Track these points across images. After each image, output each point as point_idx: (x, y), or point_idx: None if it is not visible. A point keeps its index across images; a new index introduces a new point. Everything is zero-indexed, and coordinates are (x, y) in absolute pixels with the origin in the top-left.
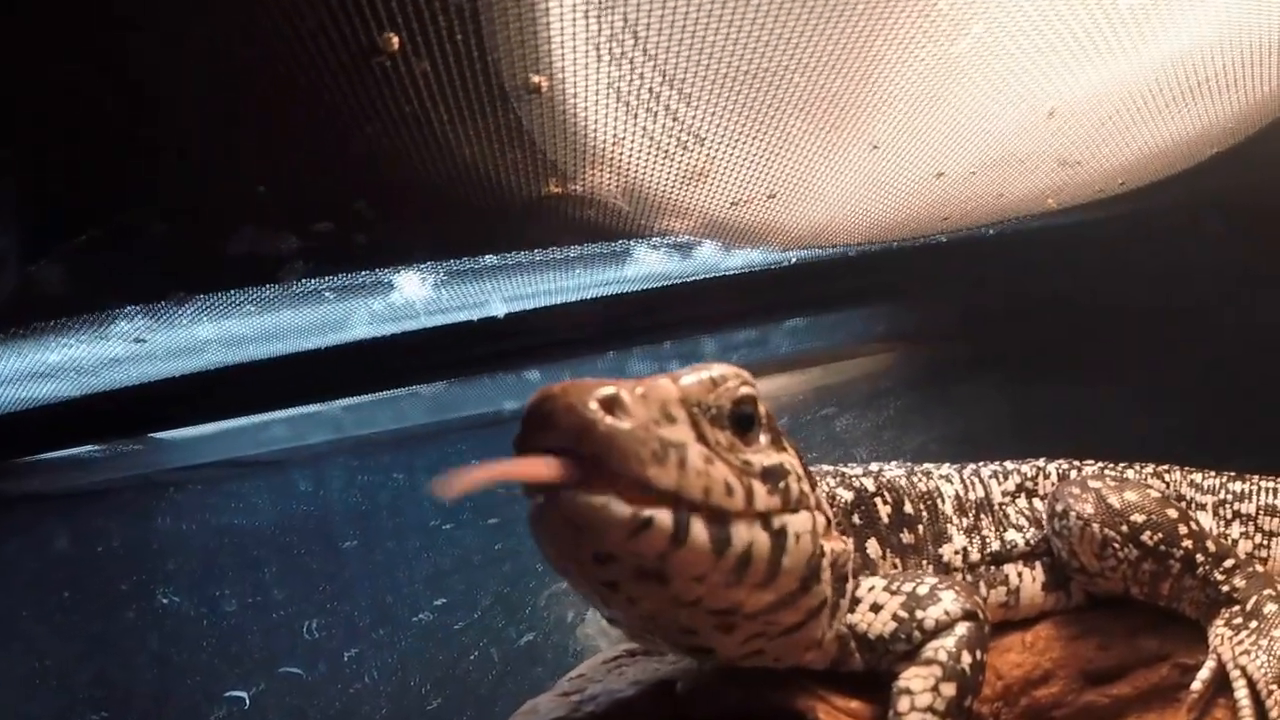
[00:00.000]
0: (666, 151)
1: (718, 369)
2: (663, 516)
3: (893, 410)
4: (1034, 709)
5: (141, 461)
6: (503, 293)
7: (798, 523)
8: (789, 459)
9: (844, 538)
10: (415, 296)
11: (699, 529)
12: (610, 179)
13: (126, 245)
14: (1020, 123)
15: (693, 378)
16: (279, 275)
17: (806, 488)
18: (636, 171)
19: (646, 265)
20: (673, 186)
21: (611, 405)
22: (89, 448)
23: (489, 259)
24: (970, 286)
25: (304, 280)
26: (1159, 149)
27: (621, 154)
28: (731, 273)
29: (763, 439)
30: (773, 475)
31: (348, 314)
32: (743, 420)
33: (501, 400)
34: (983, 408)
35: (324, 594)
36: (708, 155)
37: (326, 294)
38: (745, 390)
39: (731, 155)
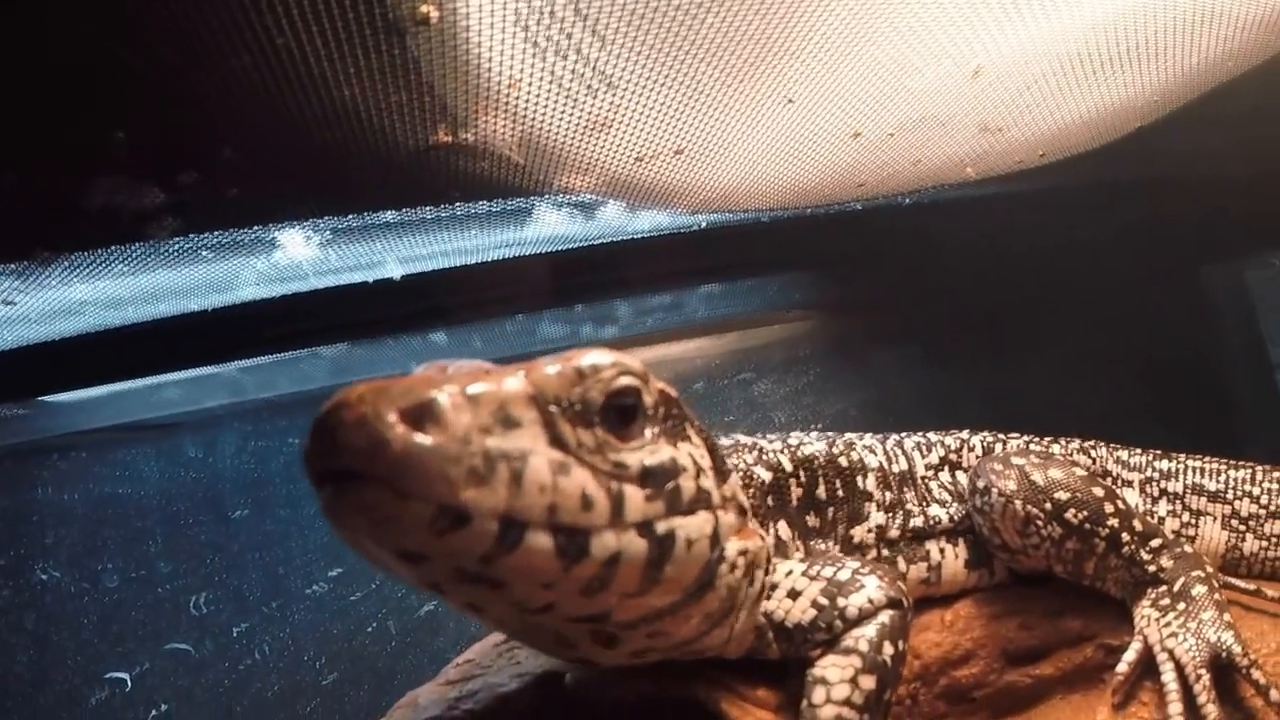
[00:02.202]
0: (571, 96)
1: (591, 357)
2: (485, 519)
3: (811, 376)
4: (954, 689)
5: (27, 428)
6: (397, 253)
7: (691, 527)
8: (688, 451)
9: (760, 531)
10: (301, 256)
11: (538, 537)
12: (506, 127)
13: None
14: (944, 81)
15: (552, 369)
16: (148, 231)
17: (709, 484)
18: (535, 119)
19: (548, 226)
20: (574, 137)
21: (420, 416)
22: None
23: (379, 217)
24: (887, 257)
25: (177, 238)
26: (1084, 119)
27: (520, 98)
28: (640, 236)
29: (649, 432)
30: (657, 476)
31: (232, 274)
32: (622, 413)
33: (406, 362)
34: (902, 376)
35: (213, 566)
36: (613, 103)
37: (204, 253)
38: (624, 381)
39: (638, 104)
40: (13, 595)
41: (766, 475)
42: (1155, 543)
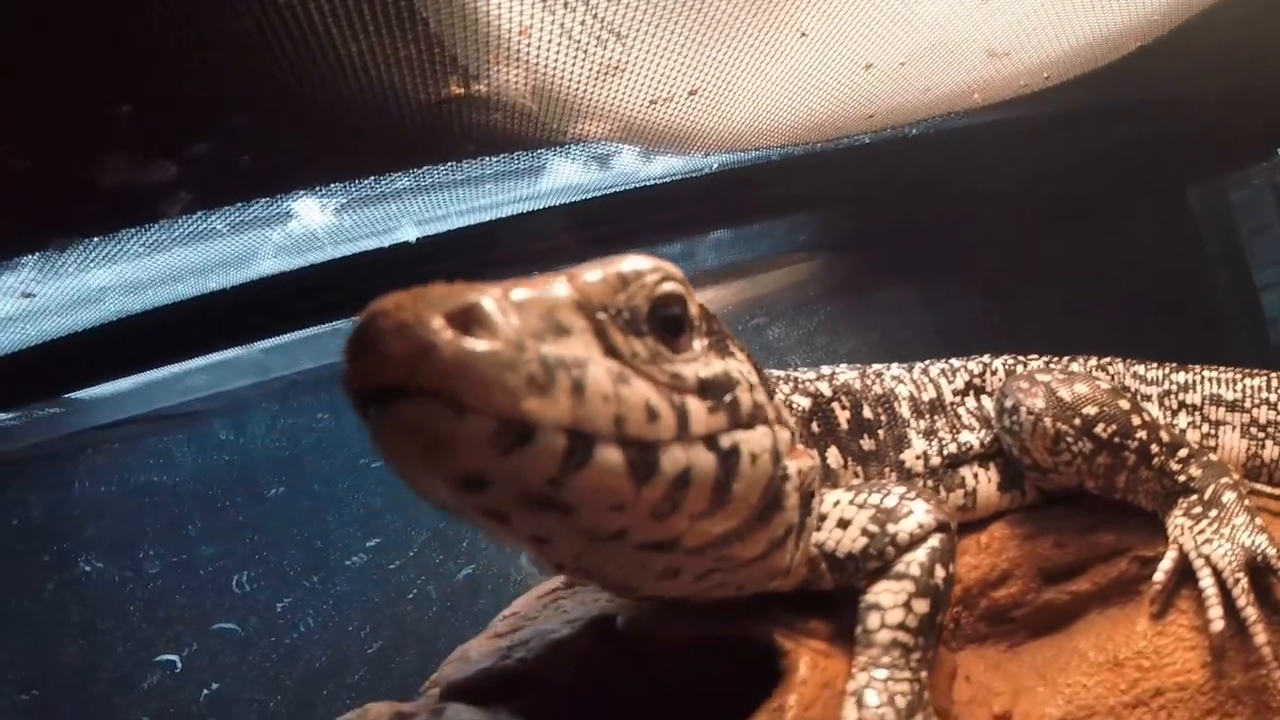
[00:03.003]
0: (581, 42)
1: (630, 262)
2: (550, 434)
3: (822, 316)
4: (994, 610)
5: (60, 425)
6: (413, 216)
7: (753, 441)
8: (737, 365)
9: (810, 451)
10: (317, 224)
11: (609, 452)
12: (518, 76)
13: None
14: (954, 7)
15: (595, 275)
16: (162, 209)
17: (762, 397)
18: (547, 67)
19: (563, 177)
20: (587, 83)
21: (466, 320)
22: (3, 416)
23: (393, 181)
24: (891, 192)
25: (192, 214)
26: (1087, 39)
27: (531, 46)
28: (653, 183)
29: (697, 344)
30: (714, 388)
31: (249, 248)
32: (668, 323)
33: None
34: (909, 311)
35: (252, 545)
36: (625, 47)
37: (220, 227)
38: (667, 287)
39: (652, 45)
40: (58, 589)
41: (805, 402)
42: (1183, 453)
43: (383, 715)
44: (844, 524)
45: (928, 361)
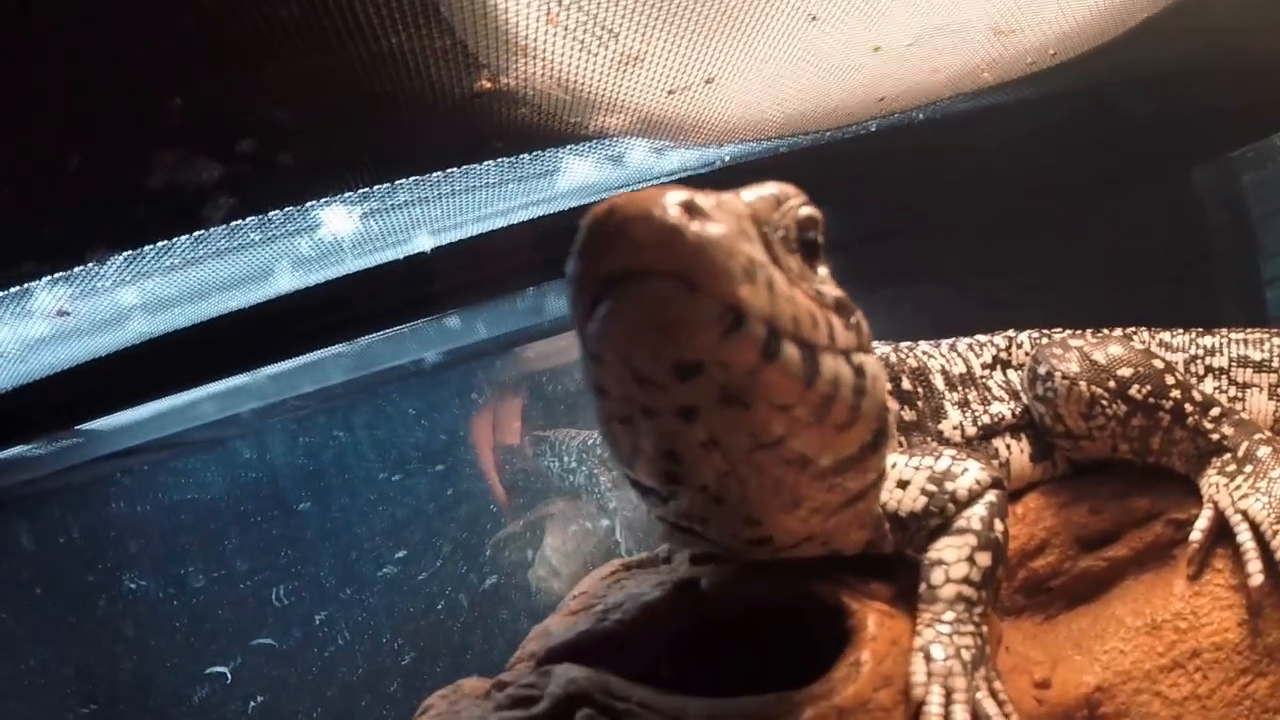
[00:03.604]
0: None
1: (777, 185)
2: (755, 322)
3: None
4: (1032, 580)
5: (83, 453)
6: (429, 224)
7: (873, 364)
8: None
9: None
10: (342, 231)
11: (791, 349)
12: (539, 70)
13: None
14: None
15: (755, 192)
16: (204, 214)
17: (868, 332)
18: (568, 61)
19: (578, 176)
20: (607, 75)
21: (693, 211)
22: (25, 448)
23: (414, 188)
24: (899, 180)
25: (232, 221)
26: (1093, 13)
27: (551, 42)
28: (665, 179)
29: (823, 270)
30: (845, 309)
31: (272, 261)
32: (807, 246)
33: (419, 350)
34: (921, 304)
35: (287, 559)
36: (642, 35)
37: (255, 238)
38: (808, 211)
39: (667, 34)
40: (109, 606)
41: None
42: (1215, 411)
43: (478, 689)
44: (903, 485)
45: (954, 339)
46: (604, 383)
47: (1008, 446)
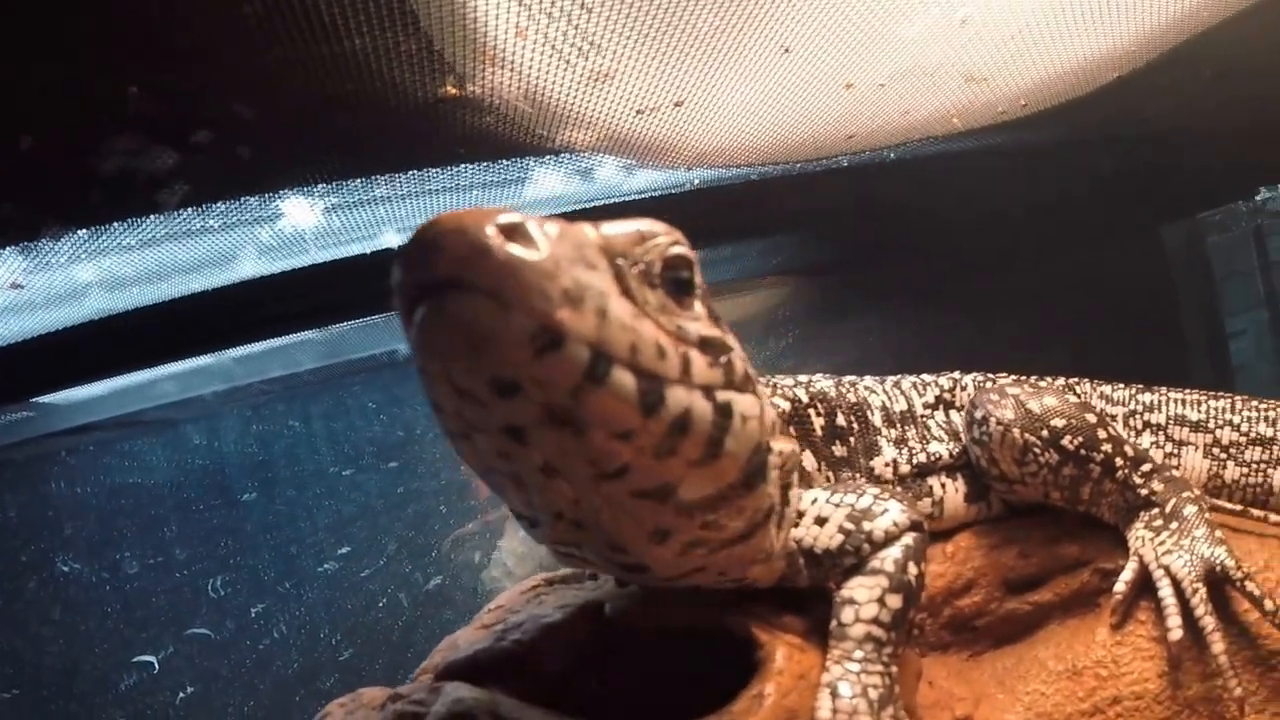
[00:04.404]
0: (569, 50)
1: (646, 222)
2: (576, 345)
3: (791, 339)
4: (958, 619)
5: (31, 428)
6: (396, 223)
7: (745, 404)
8: (729, 337)
9: (791, 439)
10: (305, 224)
11: (624, 375)
12: (508, 80)
13: None
14: (932, 29)
15: (615, 226)
16: (158, 200)
17: (753, 372)
18: (537, 73)
19: (546, 188)
20: (575, 90)
21: (513, 233)
22: None
23: (381, 184)
24: (869, 216)
25: (188, 207)
26: (1065, 68)
27: (523, 49)
28: (633, 198)
29: (698, 308)
30: (714, 347)
31: (235, 248)
32: (677, 284)
33: (393, 341)
34: (879, 336)
35: (227, 549)
36: (613, 55)
37: (212, 224)
38: (678, 250)
39: (639, 54)
40: (39, 588)
41: (785, 405)
42: (1146, 467)
43: (376, 699)
44: (821, 521)
45: (899, 376)
46: (433, 396)
47: (943, 486)
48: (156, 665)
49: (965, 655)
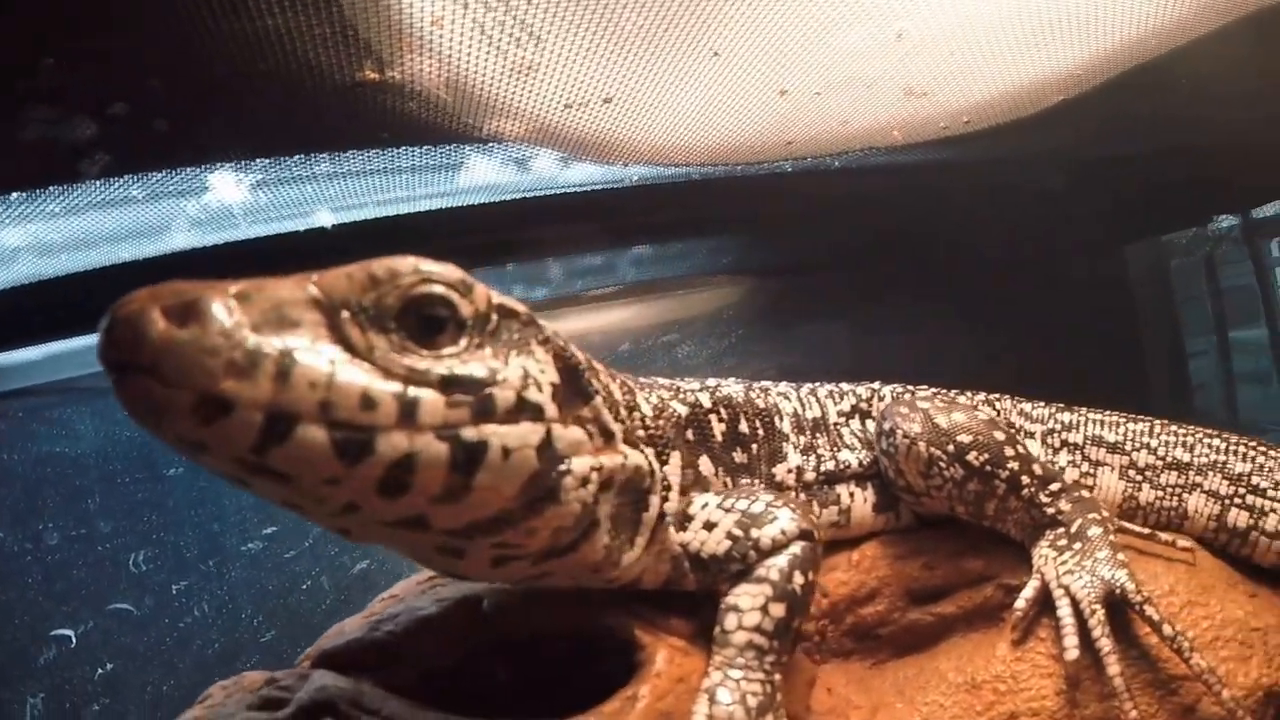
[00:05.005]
0: (494, 39)
1: (388, 263)
2: (248, 410)
3: (734, 339)
4: (860, 627)
5: None
6: (329, 201)
7: (510, 436)
8: (522, 365)
9: (626, 450)
10: (232, 199)
11: (313, 431)
12: (431, 67)
13: None
14: (867, 42)
15: (340, 273)
16: (81, 169)
17: (540, 397)
18: (460, 60)
19: (481, 175)
20: (501, 81)
21: (185, 314)
22: None
23: (309, 163)
24: (814, 221)
25: (111, 178)
26: (1007, 88)
27: (443, 38)
28: (571, 190)
29: (463, 342)
30: (465, 384)
31: (164, 219)
32: (428, 322)
33: None
34: (823, 341)
35: (150, 524)
36: (538, 48)
37: (136, 194)
38: (425, 289)
39: (564, 49)
40: None
41: (683, 410)
42: (1054, 486)
43: (257, 682)
44: (710, 526)
45: (818, 383)
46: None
47: (851, 494)
48: (75, 640)
49: (868, 663)
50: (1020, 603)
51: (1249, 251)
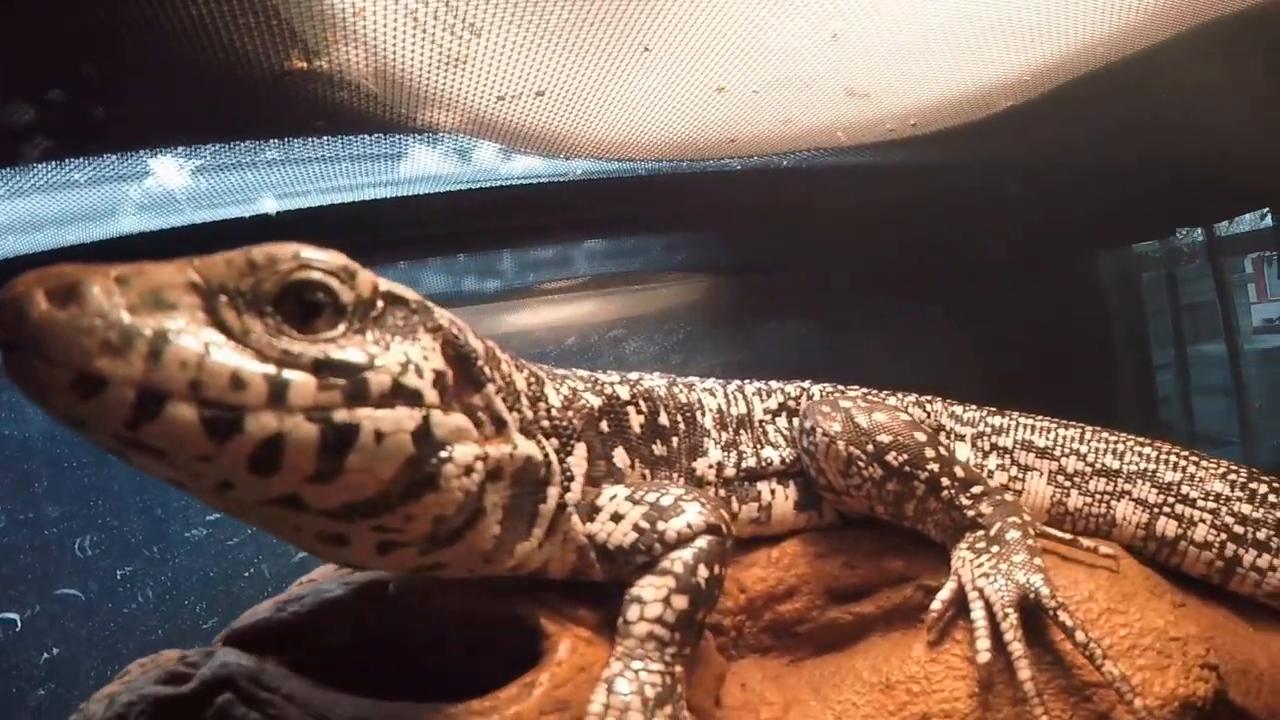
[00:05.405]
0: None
1: (268, 249)
2: (121, 388)
3: (681, 336)
4: (778, 624)
5: None
6: (273, 188)
7: (384, 420)
8: (404, 350)
9: (519, 440)
10: (175, 185)
11: (182, 409)
12: (358, 56)
13: None
14: (802, 41)
15: (220, 258)
16: (22, 152)
17: (419, 383)
18: (389, 50)
19: (423, 165)
20: (430, 72)
21: (66, 295)
22: None
23: (248, 150)
24: (767, 220)
25: (52, 161)
26: (953, 93)
27: (370, 28)
28: (515, 183)
29: (342, 327)
30: (339, 368)
31: (109, 204)
32: (308, 307)
33: None
34: (772, 340)
35: (96, 509)
36: (466, 40)
37: (78, 178)
38: (303, 275)
39: (493, 42)
40: None
41: (596, 401)
42: (976, 489)
43: (170, 659)
44: (617, 518)
45: (746, 380)
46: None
47: (773, 492)
48: (20, 624)
49: (785, 660)
50: (936, 604)
51: (1212, 268)
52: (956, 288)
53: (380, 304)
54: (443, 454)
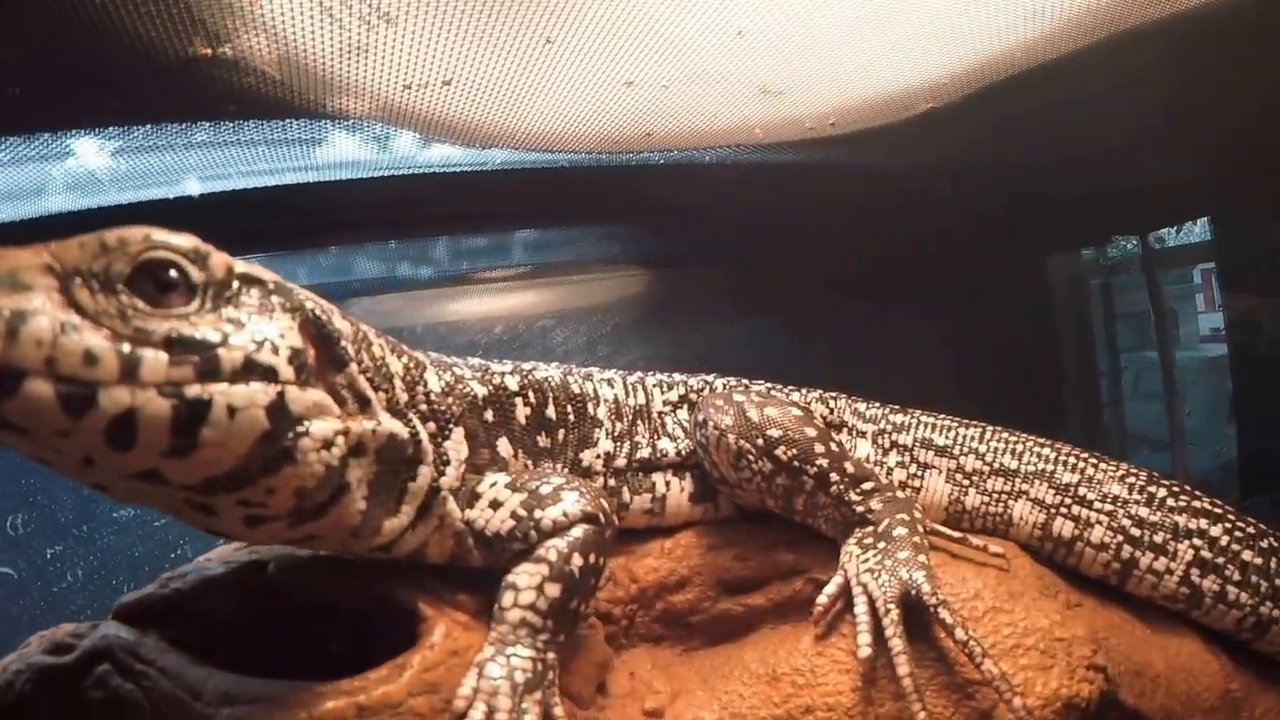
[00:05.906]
0: (326, 17)
1: (120, 232)
2: None
3: (609, 327)
4: (670, 614)
5: None
6: (195, 171)
7: (237, 395)
8: (260, 328)
9: (383, 418)
10: (96, 165)
11: (38, 385)
12: (263, 44)
13: None
14: (706, 37)
15: (74, 241)
16: None
17: (274, 360)
18: (292, 38)
19: (342, 151)
20: (334, 59)
21: None
22: None
23: (165, 133)
24: (691, 214)
25: None
26: (870, 93)
27: (271, 15)
28: (433, 171)
29: (194, 305)
30: (191, 345)
31: (35, 182)
32: (161, 285)
33: None
34: (701, 334)
35: (28, 487)
36: (367, 29)
37: (2, 157)
38: (153, 255)
39: (395, 31)
40: None
41: (481, 390)
42: (866, 485)
43: (64, 632)
44: (496, 505)
45: (649, 372)
46: None
47: (667, 483)
48: None
49: (678, 650)
50: (822, 598)
51: (1145, 278)
52: (893, 287)
53: (236, 284)
54: (299, 429)
